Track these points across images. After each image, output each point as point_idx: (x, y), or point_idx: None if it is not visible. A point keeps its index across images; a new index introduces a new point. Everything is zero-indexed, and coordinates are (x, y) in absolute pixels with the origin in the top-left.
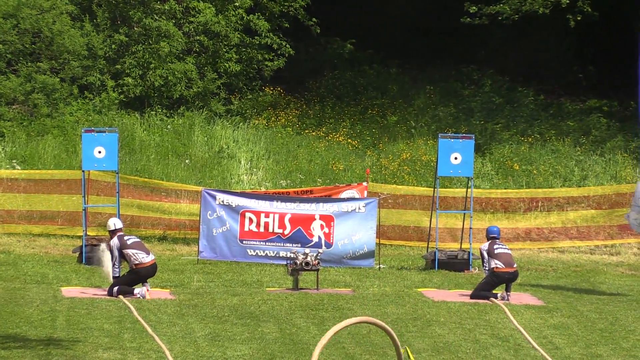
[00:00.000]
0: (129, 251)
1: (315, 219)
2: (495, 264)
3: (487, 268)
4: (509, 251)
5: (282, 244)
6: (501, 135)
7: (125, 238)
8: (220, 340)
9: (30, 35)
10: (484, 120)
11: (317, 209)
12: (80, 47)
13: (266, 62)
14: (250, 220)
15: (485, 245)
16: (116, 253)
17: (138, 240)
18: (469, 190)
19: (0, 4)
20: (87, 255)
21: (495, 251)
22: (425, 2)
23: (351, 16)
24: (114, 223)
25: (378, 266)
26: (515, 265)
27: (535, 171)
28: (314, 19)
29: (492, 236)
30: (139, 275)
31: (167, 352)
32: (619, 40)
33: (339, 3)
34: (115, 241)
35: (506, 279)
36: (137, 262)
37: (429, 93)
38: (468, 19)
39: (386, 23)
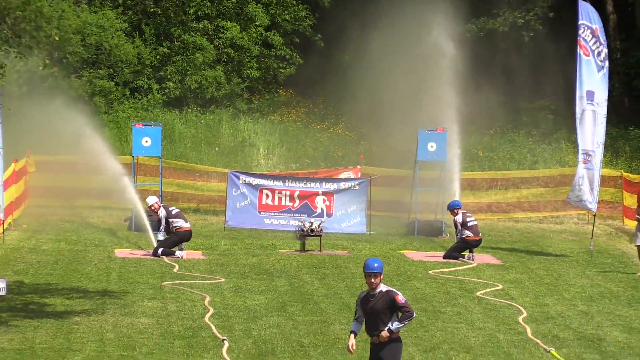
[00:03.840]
0: (173, 219)
1: (318, 195)
2: (467, 234)
3: (459, 236)
4: (477, 222)
5: (292, 215)
6: (468, 128)
7: (170, 209)
8: (242, 292)
9: (94, 48)
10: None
11: (320, 187)
12: (132, 57)
13: (280, 70)
14: (267, 195)
15: (459, 218)
16: (163, 221)
17: (179, 210)
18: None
19: (71, 22)
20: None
21: (468, 224)
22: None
23: (349, 32)
24: (153, 198)
25: (369, 232)
26: (480, 235)
27: (495, 157)
28: (318, 35)
29: (457, 208)
30: (179, 237)
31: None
32: (563, 50)
33: (340, 21)
34: (163, 212)
35: (473, 245)
36: (178, 226)
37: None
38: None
39: (379, 34)
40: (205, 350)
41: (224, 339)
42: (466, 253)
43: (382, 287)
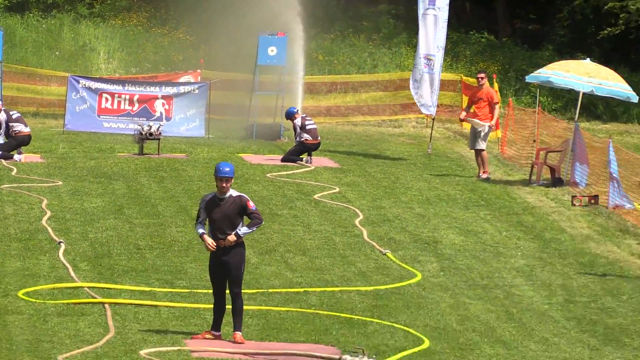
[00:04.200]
0: (13, 124)
1: (158, 98)
2: (306, 137)
3: (298, 139)
4: (315, 126)
5: (131, 118)
6: (309, 32)
7: (11, 113)
8: (79, 195)
9: None
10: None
11: (160, 91)
12: None
13: None
14: (106, 99)
15: (298, 121)
16: (3, 125)
17: (20, 115)
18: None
19: None
20: None
21: (307, 127)
22: None
23: None
24: None
25: (208, 136)
26: (319, 138)
27: (335, 61)
28: None
29: (295, 115)
30: (17, 141)
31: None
32: None
33: None
34: (3, 115)
35: (311, 149)
36: (17, 130)
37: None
38: None
39: None
40: (42, 252)
41: (61, 242)
42: (304, 156)
43: (232, 192)
